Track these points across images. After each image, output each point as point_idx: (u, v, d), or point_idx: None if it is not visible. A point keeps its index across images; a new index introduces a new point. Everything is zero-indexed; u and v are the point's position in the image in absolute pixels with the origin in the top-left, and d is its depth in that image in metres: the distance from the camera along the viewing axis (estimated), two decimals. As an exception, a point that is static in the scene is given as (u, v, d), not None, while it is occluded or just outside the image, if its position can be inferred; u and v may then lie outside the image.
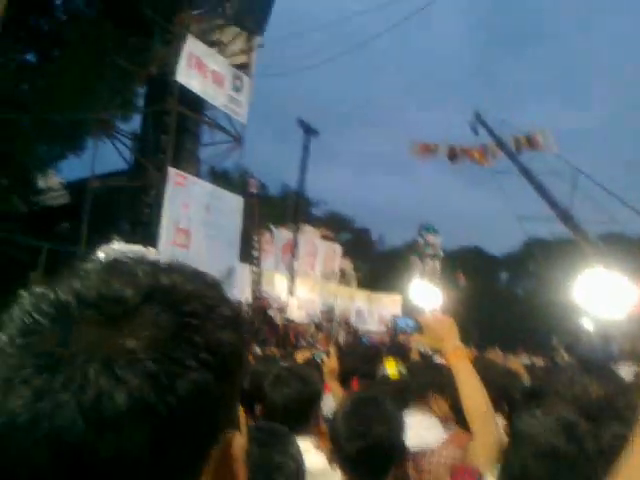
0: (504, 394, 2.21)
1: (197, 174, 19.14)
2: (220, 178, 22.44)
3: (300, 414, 2.30)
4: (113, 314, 0.51)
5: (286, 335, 21.73)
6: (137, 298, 0.52)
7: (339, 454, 1.73)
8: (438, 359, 5.72)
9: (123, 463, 0.47)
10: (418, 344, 5.42)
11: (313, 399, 2.38)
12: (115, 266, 0.56)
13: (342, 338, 23.41)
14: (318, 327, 24.58)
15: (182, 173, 17.30)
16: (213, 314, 0.55)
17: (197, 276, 0.59)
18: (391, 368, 5.33)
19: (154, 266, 0.57)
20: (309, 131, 25.94)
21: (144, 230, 16.75)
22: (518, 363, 5.27)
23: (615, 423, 2.19)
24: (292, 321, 23.73)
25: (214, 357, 0.53)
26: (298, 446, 1.33)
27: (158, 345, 0.50)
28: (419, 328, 1.99)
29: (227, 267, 17.07)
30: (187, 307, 0.53)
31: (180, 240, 17.11)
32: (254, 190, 22.42)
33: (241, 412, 0.62)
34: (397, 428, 1.75)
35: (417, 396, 3.08)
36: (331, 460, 1.76)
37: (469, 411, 1.78)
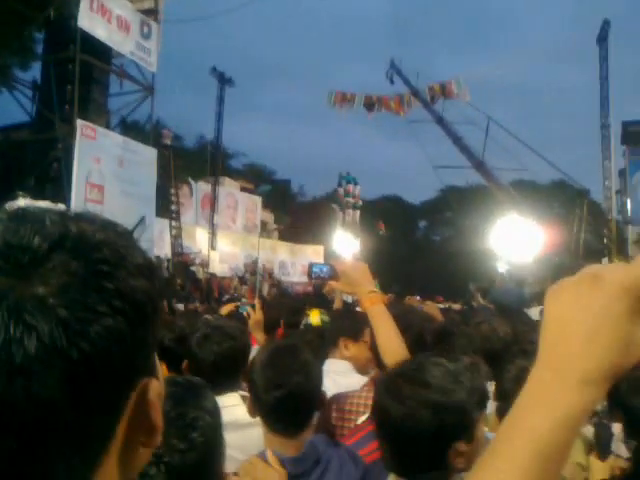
0: (418, 336, 2.28)
1: (107, 126, 18.30)
2: (132, 130, 21.49)
3: (229, 370, 2.30)
4: (21, 262, 0.51)
5: (210, 290, 21.62)
6: (45, 246, 0.52)
7: (258, 404, 1.73)
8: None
9: (37, 409, 0.47)
10: (342, 293, 5.52)
11: (241, 354, 2.39)
12: (22, 215, 0.55)
13: (266, 290, 23.56)
14: (242, 280, 24.58)
15: (91, 125, 16.44)
16: (124, 262, 0.55)
17: (108, 225, 0.59)
18: (315, 318, 5.41)
19: (63, 215, 0.56)
20: (224, 81, 25.30)
21: (53, 186, 15.95)
22: (435, 307, 5.48)
23: (521, 358, 2.32)
24: (215, 275, 23.59)
25: (127, 304, 0.53)
26: (215, 400, 1.31)
27: (68, 292, 0.50)
28: (334, 274, 2.00)
29: (139, 216, 16.65)
30: (97, 254, 0.53)
31: (93, 196, 16.42)
32: (168, 142, 21.72)
33: (162, 364, 0.62)
34: (314, 376, 1.77)
35: (333, 343, 3.12)
36: (251, 411, 1.76)
37: (385, 353, 1.83)
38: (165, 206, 22.03)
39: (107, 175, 16.90)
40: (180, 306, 11.77)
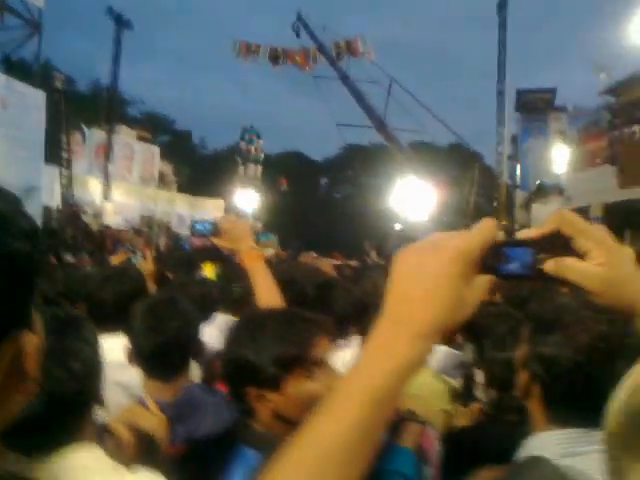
0: (300, 291, 2.35)
1: (-13, 63, 16.88)
2: (17, 70, 19.92)
3: (125, 311, 2.28)
4: None
5: (102, 242, 20.81)
6: None
7: (137, 350, 1.75)
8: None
9: None
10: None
11: (138, 295, 2.37)
12: None
13: (163, 244, 23.03)
14: (137, 233, 23.85)
15: (-32, 60, 15.11)
16: (7, 225, 0.57)
17: None
18: (209, 272, 5.40)
19: None
20: (121, 23, 23.90)
21: None
22: (328, 263, 5.61)
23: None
24: (109, 227, 22.73)
25: (8, 265, 0.55)
26: (95, 332, 1.32)
27: None
28: (216, 232, 2.02)
29: (27, 186, 15.71)
30: None
31: (-29, 140, 15.22)
32: (59, 84, 20.35)
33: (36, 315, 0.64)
34: (193, 324, 1.81)
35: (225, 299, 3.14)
36: (130, 359, 1.78)
37: (261, 306, 1.89)
38: (55, 153, 20.80)
39: (-13, 117, 15.68)
40: (69, 257, 11.30)
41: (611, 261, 0.66)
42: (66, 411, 1.17)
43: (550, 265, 0.65)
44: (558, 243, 0.66)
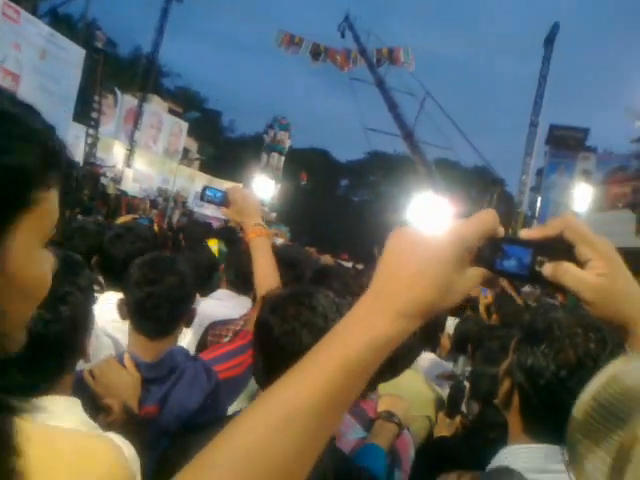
0: (297, 273, 2.33)
1: (34, 12, 17.00)
2: (61, 24, 20.13)
3: None
4: None
5: (117, 207, 20.93)
6: None
7: (129, 300, 1.73)
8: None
9: None
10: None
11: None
12: None
13: (176, 218, 23.11)
14: (153, 204, 23.94)
15: (15, 6, 15.20)
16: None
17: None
18: (212, 246, 5.41)
19: None
20: (172, -7, 24.03)
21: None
22: (330, 260, 5.60)
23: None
24: (125, 193, 22.85)
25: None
26: (91, 279, 1.31)
27: None
28: (225, 201, 2.00)
29: (55, 116, 15.79)
30: None
31: (6, 83, 15.30)
32: (100, 45, 20.47)
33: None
34: (188, 285, 1.78)
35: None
36: (122, 311, 1.76)
37: (259, 284, 1.86)
38: (85, 112, 20.95)
39: (26, 65, 15.84)
40: (80, 217, 11.38)
41: (611, 274, 0.64)
42: (47, 355, 1.15)
43: (548, 268, 0.64)
44: (559, 247, 0.64)
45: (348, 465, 1.42)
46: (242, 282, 2.91)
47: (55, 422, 1.16)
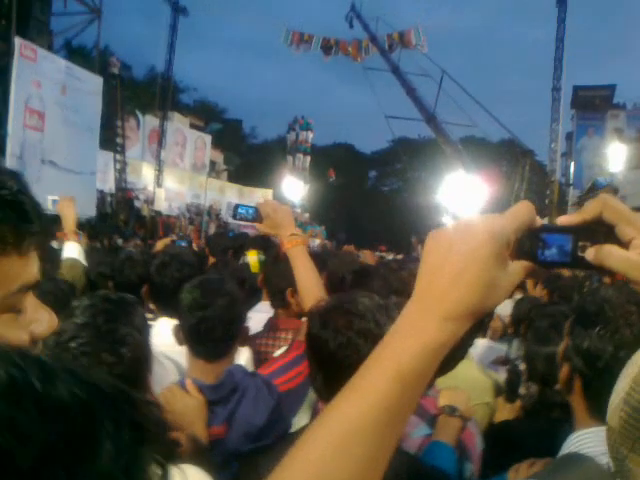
0: (338, 278, 2.35)
1: (50, 48, 17.35)
2: (76, 55, 20.52)
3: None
4: None
5: (154, 228, 21.28)
6: None
7: (183, 325, 1.78)
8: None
9: None
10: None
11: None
12: None
13: (212, 232, 23.37)
14: (189, 221, 24.27)
15: (31, 45, 15.53)
16: None
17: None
18: (252, 257, 5.46)
19: None
20: (177, 9, 24.27)
21: (-11, 110, 15.15)
22: (370, 255, 5.59)
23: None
24: (160, 213, 23.21)
25: None
26: (144, 317, 1.36)
27: None
28: (258, 216, 2.03)
29: (81, 147, 16.08)
30: None
31: (33, 122, 15.72)
32: (116, 70, 20.82)
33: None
34: (238, 305, 1.82)
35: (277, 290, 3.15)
36: (178, 336, 1.81)
37: (303, 293, 1.88)
38: (110, 138, 21.32)
39: (48, 101, 16.17)
40: (120, 241, 11.61)
41: None
42: None
43: (591, 253, 0.63)
44: (599, 230, 0.63)
45: (418, 466, 1.43)
46: (280, 298, 2.93)
47: None
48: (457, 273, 0.62)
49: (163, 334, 2.02)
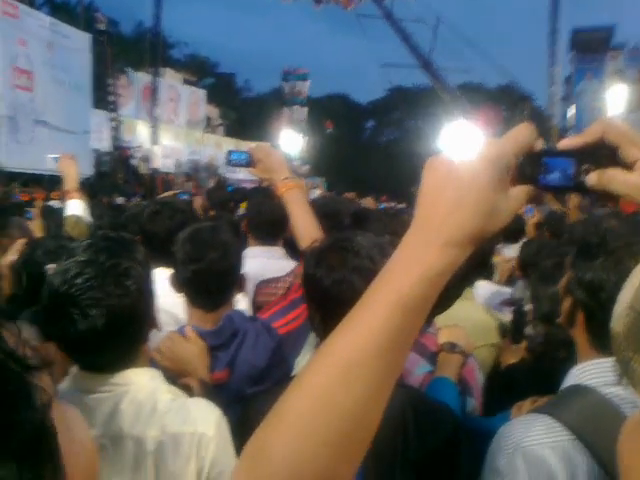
0: (336, 220, 2.32)
1: (31, 4, 16.89)
2: (60, 12, 19.98)
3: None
4: None
5: (153, 185, 21.14)
6: None
7: (179, 278, 1.77)
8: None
9: None
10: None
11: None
12: None
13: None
14: (188, 176, 24.07)
15: (11, 1, 15.05)
16: None
17: None
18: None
19: None
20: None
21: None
22: (371, 202, 5.56)
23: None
24: (158, 171, 23.04)
25: None
26: (145, 252, 1.37)
27: None
28: (251, 162, 2.00)
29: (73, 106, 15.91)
30: None
31: (22, 82, 15.44)
32: (102, 27, 20.30)
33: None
34: (232, 255, 1.79)
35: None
36: (175, 285, 1.79)
37: (301, 237, 1.86)
38: (102, 98, 21.01)
39: (35, 60, 15.85)
40: (120, 200, 11.55)
41: None
42: (125, 327, 1.26)
43: (593, 177, 0.61)
44: (602, 153, 0.61)
45: (423, 399, 1.44)
46: (265, 232, 2.95)
47: (144, 392, 1.26)
48: (457, 199, 0.61)
49: (160, 284, 2.01)
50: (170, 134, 25.98)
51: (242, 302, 2.42)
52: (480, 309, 2.58)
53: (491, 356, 2.49)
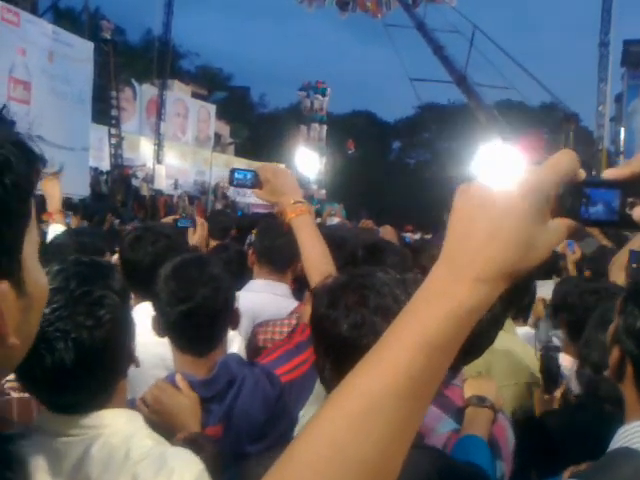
0: (350, 252, 2.29)
1: (34, 12, 17.39)
2: (64, 19, 20.55)
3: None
4: None
5: (154, 208, 21.33)
6: None
7: (163, 320, 1.71)
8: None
9: None
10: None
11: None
12: None
13: (218, 212, 23.37)
14: (191, 200, 24.27)
15: (13, 8, 15.55)
16: None
17: None
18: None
19: None
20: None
21: (-31, 80, 15.28)
22: (392, 232, 5.55)
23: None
24: (161, 192, 23.28)
25: None
26: (123, 281, 1.34)
27: None
28: (257, 182, 1.97)
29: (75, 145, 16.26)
30: None
31: (17, 94, 15.79)
32: (108, 35, 20.78)
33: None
34: (224, 290, 1.74)
35: (287, 265, 3.13)
36: (157, 329, 1.74)
37: (310, 268, 1.82)
38: (104, 111, 21.39)
39: (34, 70, 16.24)
40: (117, 224, 11.65)
41: None
42: (97, 363, 1.23)
43: (639, 211, 0.61)
44: None
45: (451, 463, 1.37)
46: (272, 265, 2.93)
47: (119, 436, 1.22)
48: (490, 230, 0.61)
49: (142, 323, 1.96)
50: (175, 152, 26.32)
51: (236, 341, 2.36)
52: (519, 343, 2.52)
53: (515, 398, 2.43)
